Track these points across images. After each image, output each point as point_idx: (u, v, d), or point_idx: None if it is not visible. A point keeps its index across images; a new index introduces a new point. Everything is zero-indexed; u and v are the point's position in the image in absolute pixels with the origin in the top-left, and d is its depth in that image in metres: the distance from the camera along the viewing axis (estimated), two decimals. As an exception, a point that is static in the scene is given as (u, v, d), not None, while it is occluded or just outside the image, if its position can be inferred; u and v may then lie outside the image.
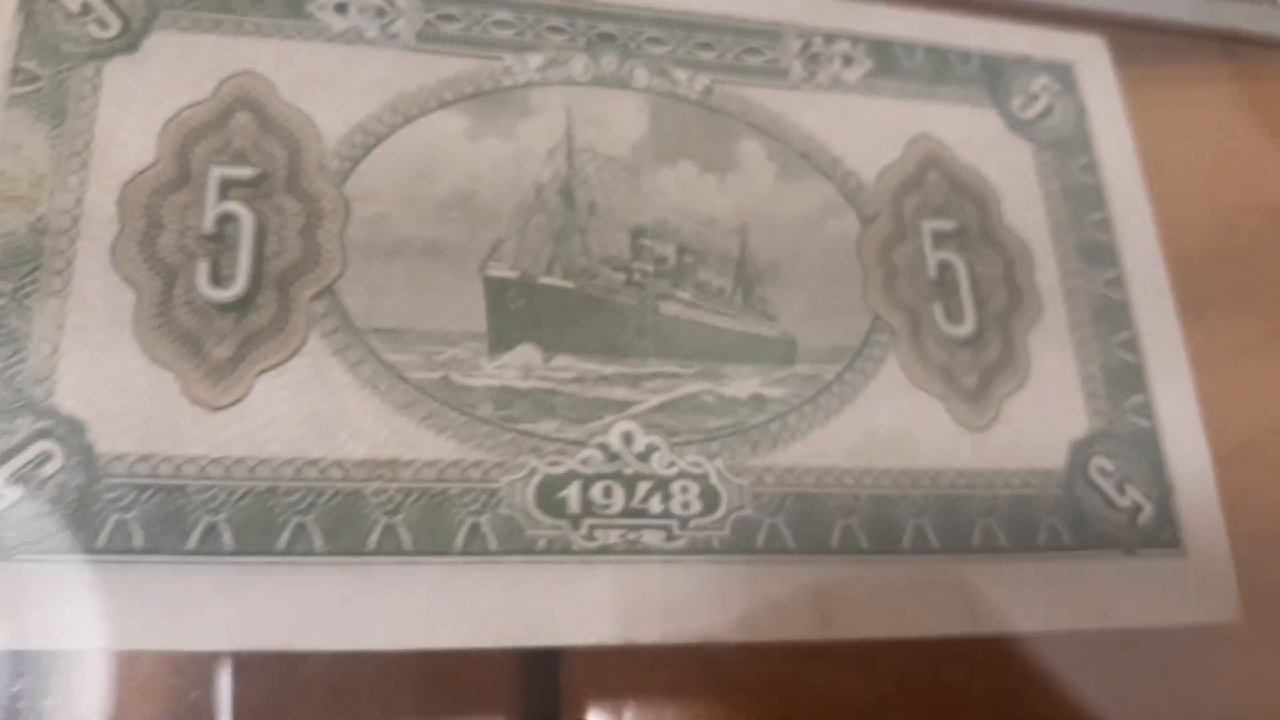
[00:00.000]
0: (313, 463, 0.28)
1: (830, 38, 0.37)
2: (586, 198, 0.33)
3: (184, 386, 0.28)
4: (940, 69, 0.38)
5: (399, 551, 0.27)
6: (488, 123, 0.33)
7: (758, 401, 0.32)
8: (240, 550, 0.27)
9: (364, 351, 0.29)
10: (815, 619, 0.30)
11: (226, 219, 0.30)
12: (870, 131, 0.36)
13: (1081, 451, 0.34)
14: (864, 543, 0.31)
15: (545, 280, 0.32)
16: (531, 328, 0.31)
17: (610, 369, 0.31)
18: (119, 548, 0.26)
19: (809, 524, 0.30)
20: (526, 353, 0.30)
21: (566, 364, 0.31)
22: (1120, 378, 0.35)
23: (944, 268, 0.35)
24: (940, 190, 0.36)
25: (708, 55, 0.36)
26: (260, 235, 0.30)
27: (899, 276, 0.35)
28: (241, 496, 0.27)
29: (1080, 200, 0.37)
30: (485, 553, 0.28)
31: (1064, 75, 0.39)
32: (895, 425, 0.32)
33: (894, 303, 0.34)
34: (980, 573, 0.31)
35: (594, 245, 0.32)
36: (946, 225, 0.36)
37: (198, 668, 0.26)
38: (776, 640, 0.29)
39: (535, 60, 0.34)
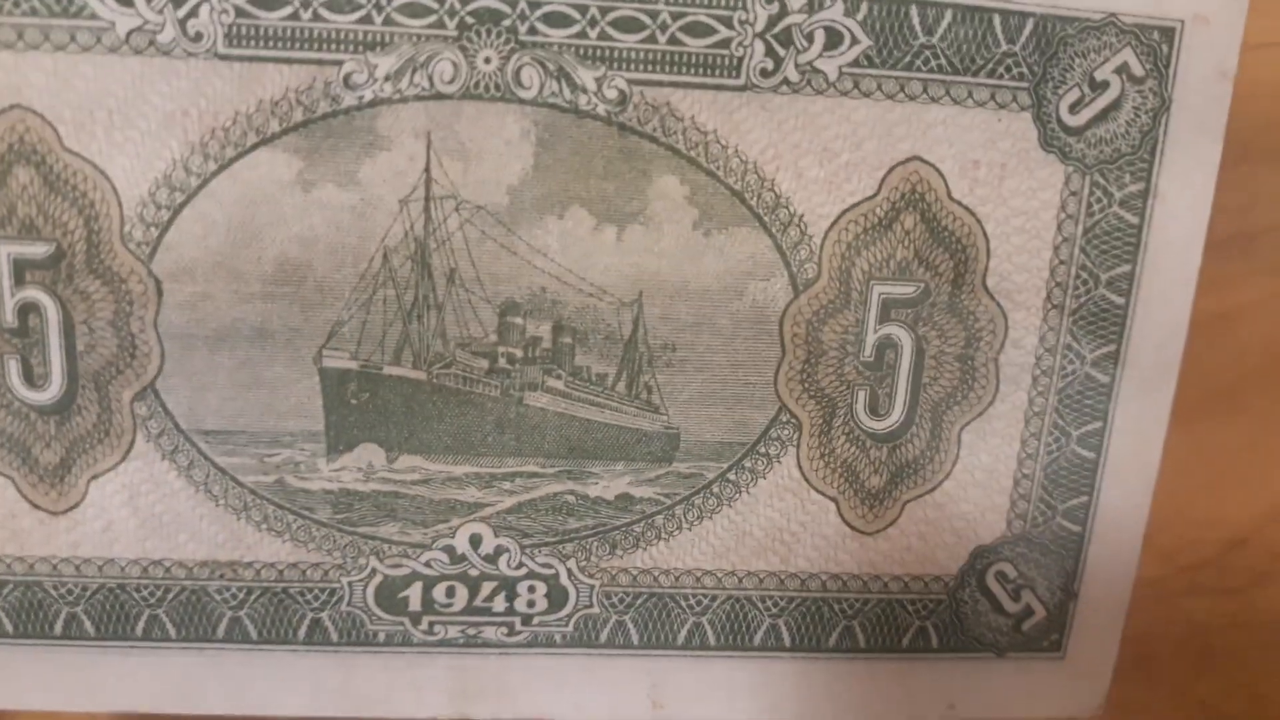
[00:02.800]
0: (157, 563, 0.29)
1: (816, 1, 0.27)
2: (445, 264, 0.28)
3: (21, 491, 0.28)
4: (970, 46, 0.27)
5: (245, 640, 0.30)
6: (323, 164, 0.26)
7: (624, 501, 0.30)
8: (101, 636, 0.29)
9: (194, 454, 0.28)
10: (647, 704, 0.31)
11: (28, 309, 0.27)
12: (838, 155, 0.28)
13: (982, 558, 0.31)
14: (711, 640, 0.31)
15: (392, 370, 0.28)
16: (375, 425, 0.28)
17: (461, 469, 0.29)
18: (-7, 632, 0.29)
19: (656, 622, 0.31)
20: (368, 453, 0.29)
21: (412, 465, 0.29)
22: (1066, 477, 0.31)
23: (884, 346, 0.29)
24: (913, 241, 0.29)
25: (629, 40, 0.26)
26: (68, 328, 0.27)
27: (824, 358, 0.29)
28: (95, 591, 0.29)
29: (1105, 248, 0.29)
30: (327, 643, 0.30)
31: (1156, 51, 0.28)
32: (774, 527, 0.30)
33: (808, 391, 0.29)
34: (826, 671, 0.32)
35: (452, 325, 0.28)
36: (905, 290, 0.29)
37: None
38: (606, 720, 0.32)
39: (386, 63, 0.26)
